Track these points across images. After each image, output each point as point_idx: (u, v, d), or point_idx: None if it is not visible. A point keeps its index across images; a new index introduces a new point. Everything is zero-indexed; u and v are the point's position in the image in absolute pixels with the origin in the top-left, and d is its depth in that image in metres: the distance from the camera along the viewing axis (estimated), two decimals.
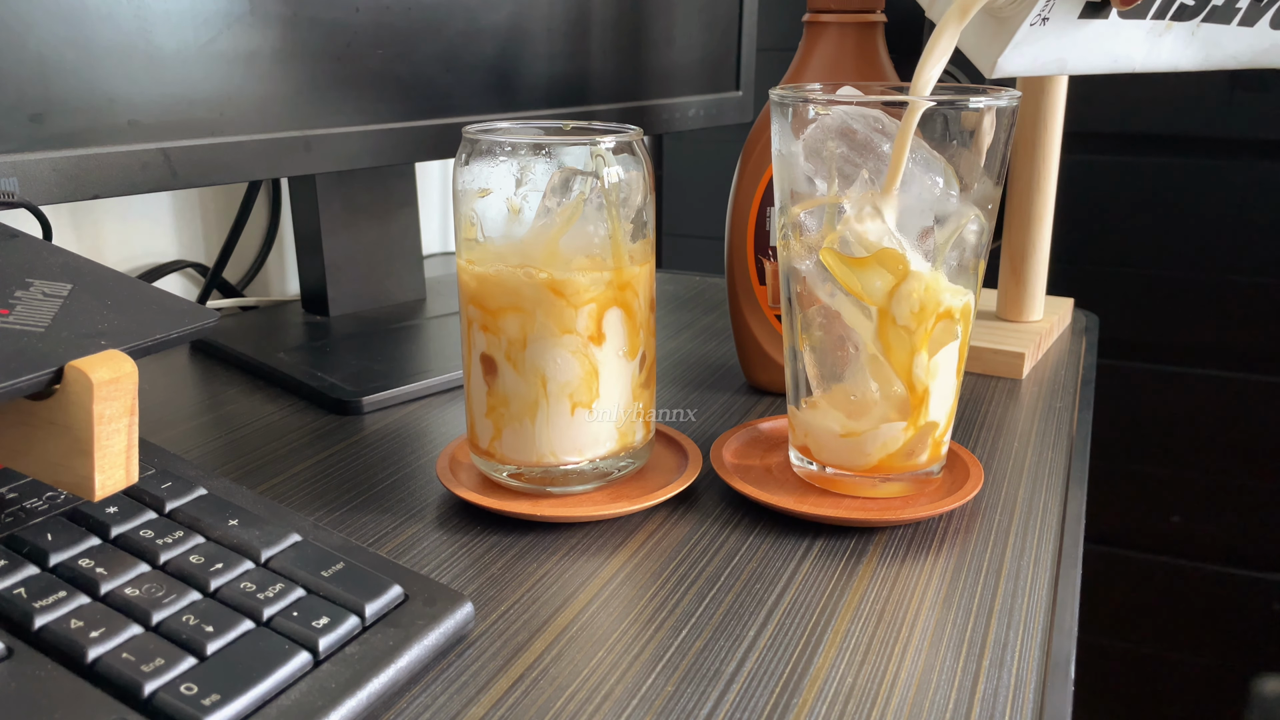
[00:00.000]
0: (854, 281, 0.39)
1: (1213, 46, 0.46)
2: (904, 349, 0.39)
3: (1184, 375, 1.02)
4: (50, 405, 0.28)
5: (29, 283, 0.32)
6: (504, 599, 0.35)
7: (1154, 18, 0.43)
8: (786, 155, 0.41)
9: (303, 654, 0.28)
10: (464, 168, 0.40)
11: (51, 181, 0.42)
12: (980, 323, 0.64)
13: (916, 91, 0.39)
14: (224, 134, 0.48)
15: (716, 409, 0.53)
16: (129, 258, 0.68)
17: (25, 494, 0.33)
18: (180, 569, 0.30)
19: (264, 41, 0.49)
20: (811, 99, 0.40)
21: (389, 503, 0.43)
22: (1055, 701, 0.31)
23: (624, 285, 0.40)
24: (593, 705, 0.30)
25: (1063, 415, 0.53)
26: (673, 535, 0.40)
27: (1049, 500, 0.43)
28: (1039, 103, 0.61)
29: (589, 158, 0.39)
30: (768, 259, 0.54)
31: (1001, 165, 0.40)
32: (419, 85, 0.56)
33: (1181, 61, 0.47)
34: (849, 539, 0.40)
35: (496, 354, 0.40)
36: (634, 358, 0.41)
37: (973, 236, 0.40)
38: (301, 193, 0.64)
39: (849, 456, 0.41)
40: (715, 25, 0.75)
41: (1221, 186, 0.96)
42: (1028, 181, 0.62)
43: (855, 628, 0.34)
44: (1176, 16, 0.44)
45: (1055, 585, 0.37)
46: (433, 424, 0.51)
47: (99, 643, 0.27)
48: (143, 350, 0.30)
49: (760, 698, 0.30)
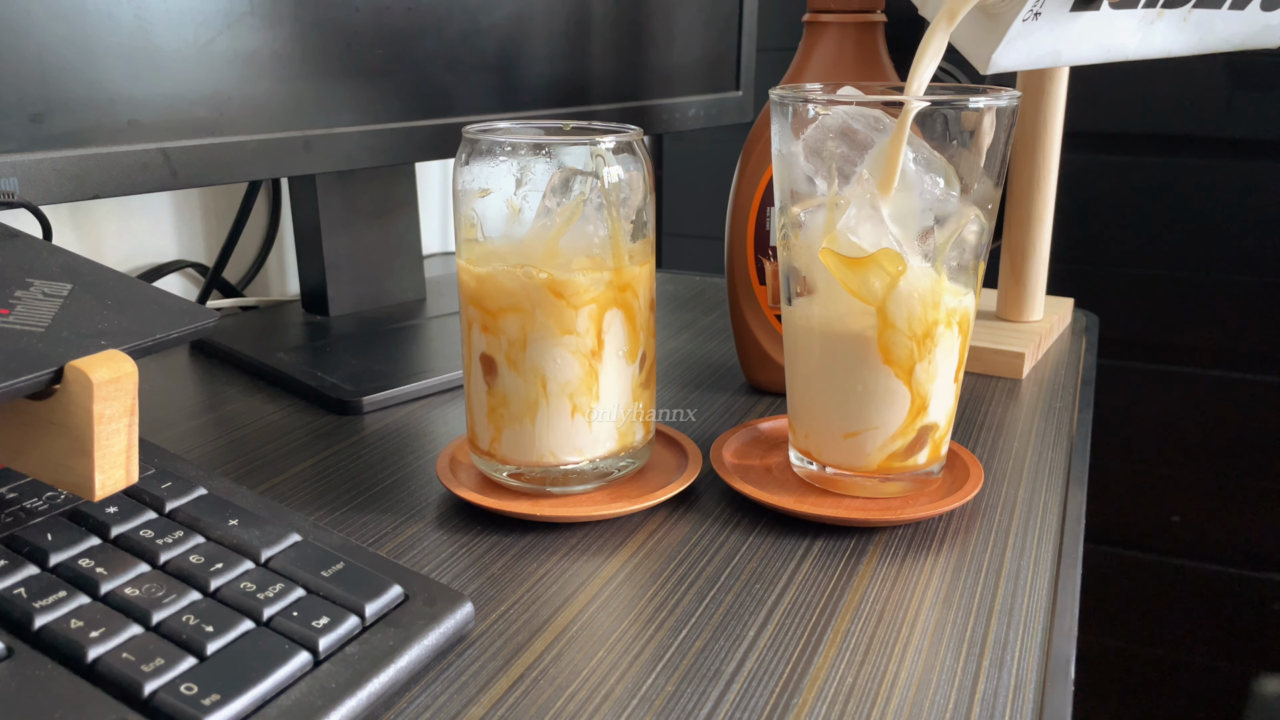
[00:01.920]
0: (853, 281, 0.39)
1: (1205, 31, 0.46)
2: (904, 349, 0.39)
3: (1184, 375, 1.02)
4: (50, 405, 0.28)
5: (29, 283, 0.32)
6: (504, 599, 0.35)
7: (1145, 6, 0.43)
8: (786, 155, 0.41)
9: (303, 654, 0.28)
10: (464, 168, 0.40)
11: (51, 181, 0.42)
12: (980, 323, 0.64)
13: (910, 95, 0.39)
14: (224, 134, 0.48)
15: (716, 409, 0.53)
16: (129, 258, 0.68)
17: (25, 494, 0.33)
18: (180, 569, 0.30)
19: (264, 41, 0.49)
20: (811, 99, 0.40)
21: (389, 503, 0.43)
22: (1055, 701, 0.31)
23: (624, 285, 0.40)
24: (593, 705, 0.30)
25: (1063, 415, 0.53)
26: (673, 535, 0.40)
27: (1049, 500, 0.43)
28: (1039, 103, 0.61)
29: (589, 158, 0.39)
30: (768, 259, 0.54)
31: (1001, 165, 0.40)
32: (419, 85, 0.56)
33: (1174, 47, 0.47)
34: (849, 539, 0.40)
35: (496, 354, 0.40)
36: (634, 358, 0.41)
37: (973, 236, 0.40)
38: (301, 193, 0.64)
39: (849, 456, 0.41)
40: (715, 25, 0.75)
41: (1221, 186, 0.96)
42: (1028, 181, 0.62)
43: (855, 628, 0.34)
44: (1168, 3, 0.44)
45: (1055, 585, 0.37)
46: (433, 424, 0.51)
47: (99, 643, 0.27)
48: (143, 350, 0.30)
49: (760, 698, 0.30)
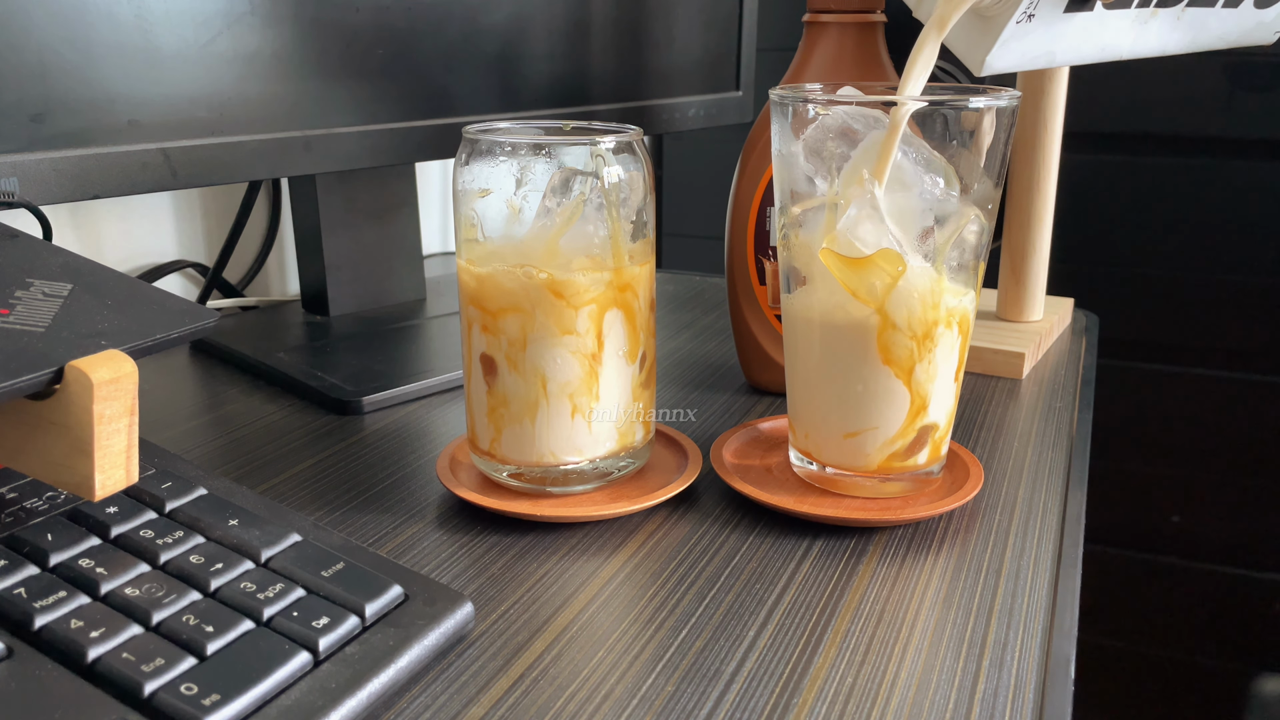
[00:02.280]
0: (853, 282, 0.39)
1: (1199, 29, 0.46)
2: (904, 349, 0.39)
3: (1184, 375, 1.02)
4: (50, 405, 0.28)
5: (29, 283, 0.32)
6: (504, 599, 0.35)
7: (1139, 5, 0.43)
8: (786, 155, 0.41)
9: (303, 654, 0.28)
10: (464, 168, 0.40)
11: (51, 181, 0.42)
12: (980, 323, 0.64)
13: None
14: (224, 134, 0.48)
15: (716, 409, 0.53)
16: (129, 258, 0.68)
17: (25, 494, 0.33)
18: (180, 569, 0.30)
19: (264, 41, 0.49)
20: (811, 99, 0.40)
21: (389, 503, 0.43)
22: (1055, 701, 0.31)
23: (624, 285, 0.40)
24: (593, 705, 0.30)
25: (1063, 415, 0.53)
26: (673, 535, 0.40)
27: (1049, 500, 0.43)
28: (1039, 103, 0.61)
29: (589, 158, 0.39)
30: (768, 259, 0.54)
31: (1001, 165, 0.40)
32: (419, 85, 0.56)
33: (1169, 45, 0.47)
34: (849, 539, 0.40)
35: (496, 354, 0.40)
36: (634, 358, 0.41)
37: (973, 236, 0.40)
38: (301, 193, 0.64)
39: (849, 456, 0.41)
40: (715, 25, 0.75)
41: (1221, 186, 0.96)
42: (1028, 181, 0.62)
43: (855, 628, 0.34)
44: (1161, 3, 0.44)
45: (1055, 585, 0.37)
46: (433, 424, 0.51)
47: (99, 643, 0.27)
48: (143, 350, 0.30)
49: (760, 698, 0.30)
